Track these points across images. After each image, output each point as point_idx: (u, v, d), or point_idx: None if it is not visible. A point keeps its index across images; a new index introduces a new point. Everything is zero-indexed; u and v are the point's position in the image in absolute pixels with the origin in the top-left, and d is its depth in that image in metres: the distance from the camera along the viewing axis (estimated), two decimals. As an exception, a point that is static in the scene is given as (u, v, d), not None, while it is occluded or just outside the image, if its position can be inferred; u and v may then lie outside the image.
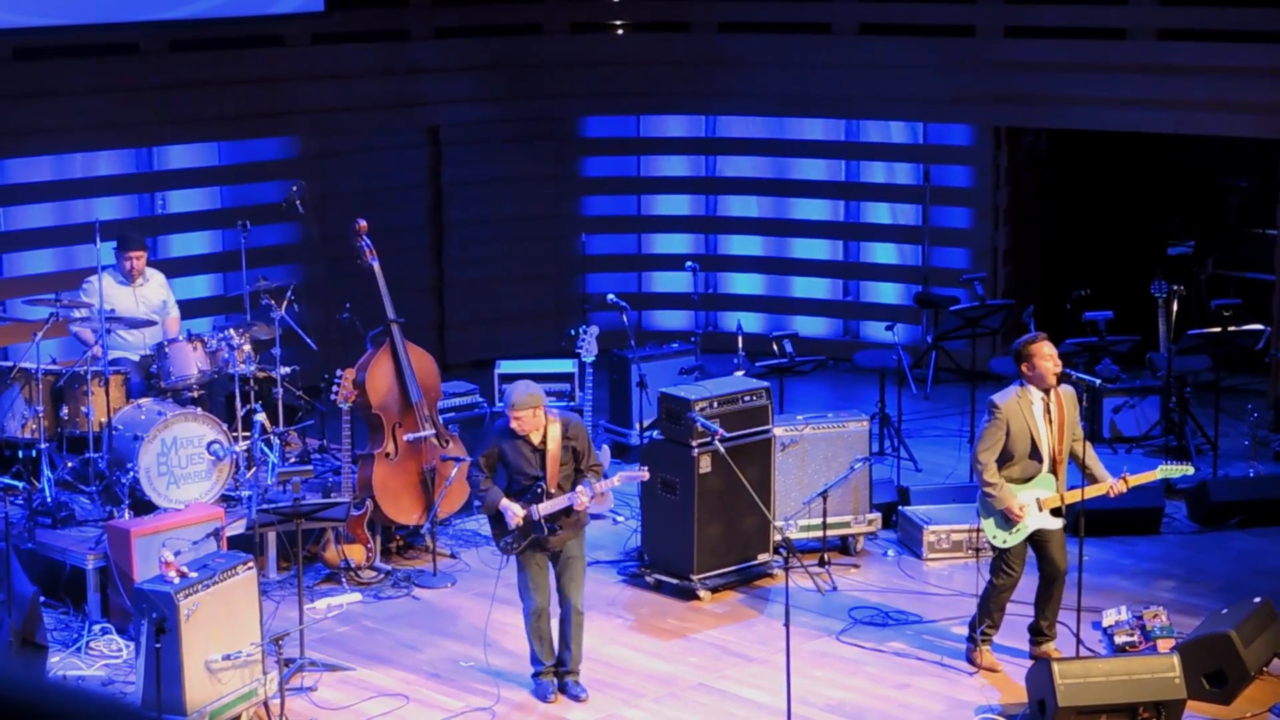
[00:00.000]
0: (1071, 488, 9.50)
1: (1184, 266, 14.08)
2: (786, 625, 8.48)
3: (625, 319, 13.02)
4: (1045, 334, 9.60)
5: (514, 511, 9.08)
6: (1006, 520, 9.41)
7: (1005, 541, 9.45)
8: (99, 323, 10.96)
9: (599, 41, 16.11)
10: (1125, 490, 9.57)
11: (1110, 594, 10.55)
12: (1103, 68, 14.54)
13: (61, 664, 9.75)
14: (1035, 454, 9.41)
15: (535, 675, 9.42)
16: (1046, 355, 9.37)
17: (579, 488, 9.11)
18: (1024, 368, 9.42)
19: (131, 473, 10.56)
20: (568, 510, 9.14)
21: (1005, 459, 9.42)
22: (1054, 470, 9.44)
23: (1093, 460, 9.57)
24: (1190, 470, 10.13)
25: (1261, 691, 9.38)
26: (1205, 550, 11.58)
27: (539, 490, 9.09)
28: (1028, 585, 9.73)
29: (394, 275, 11.88)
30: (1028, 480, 9.43)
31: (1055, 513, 9.49)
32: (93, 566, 10.24)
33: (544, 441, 9.11)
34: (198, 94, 14.25)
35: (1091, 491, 9.47)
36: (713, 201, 16.51)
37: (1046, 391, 9.40)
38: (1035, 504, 9.42)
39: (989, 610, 9.66)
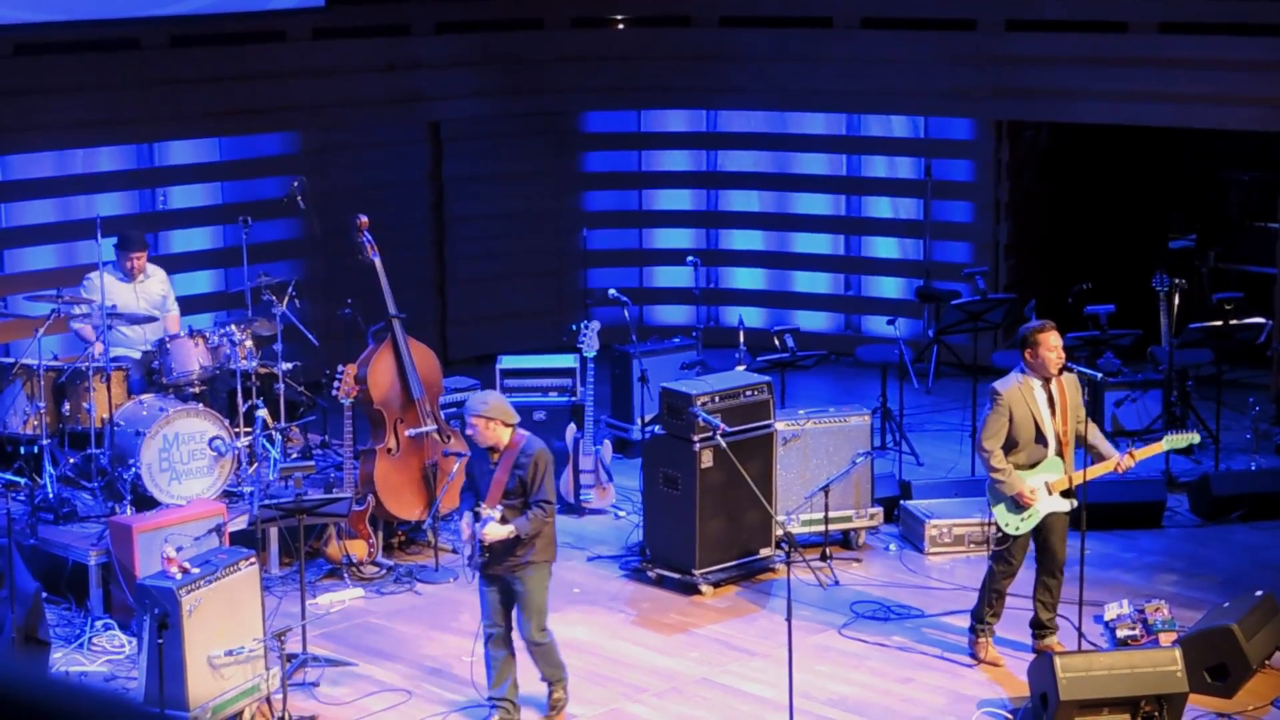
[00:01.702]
0: (1078, 468, 9.48)
1: (1185, 260, 14.07)
2: (789, 620, 8.48)
3: (626, 314, 13.02)
4: (1053, 323, 9.56)
5: (461, 527, 8.78)
6: (1017, 506, 9.40)
7: (1019, 528, 9.43)
8: (100, 319, 10.96)
9: (600, 36, 16.10)
10: (1133, 465, 9.51)
11: (1112, 587, 10.55)
12: (1104, 61, 14.54)
13: (64, 660, 9.76)
14: (1040, 439, 9.39)
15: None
16: (1052, 346, 9.35)
17: (464, 521, 8.70)
18: (1027, 354, 9.40)
19: (133, 468, 10.56)
20: (512, 539, 8.66)
21: (1010, 446, 9.40)
22: (1060, 453, 9.42)
23: (1098, 439, 9.56)
24: (1196, 438, 10.09)
25: (1264, 685, 9.37)
26: (1207, 544, 11.58)
27: (478, 510, 8.73)
28: (1028, 579, 9.73)
29: (395, 271, 11.88)
30: (1034, 466, 9.42)
31: (1065, 495, 9.48)
32: (95, 562, 10.24)
33: (497, 461, 8.72)
34: (199, 89, 14.25)
35: (1099, 469, 9.44)
36: (714, 196, 16.51)
37: (1047, 380, 9.40)
38: (1044, 488, 9.41)
39: (989, 598, 9.65)
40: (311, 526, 10.52)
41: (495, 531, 8.60)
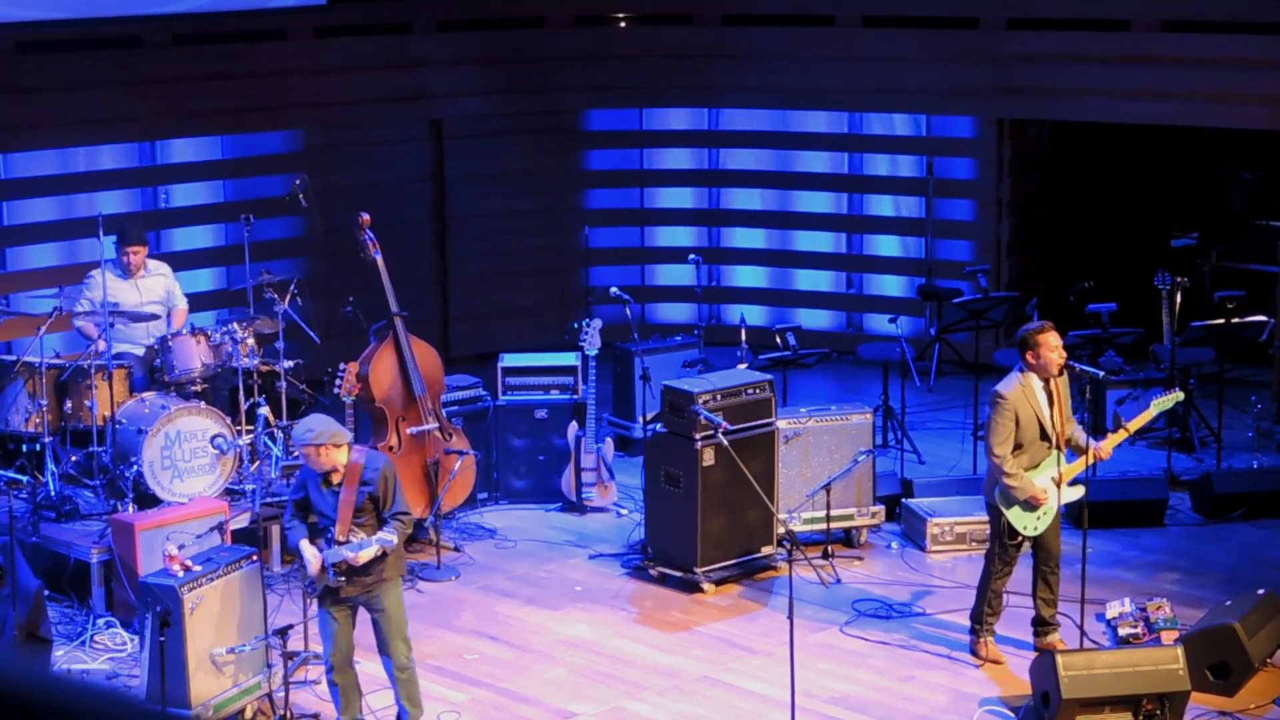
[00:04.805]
0: (1072, 460, 9.50)
1: (1187, 259, 14.06)
2: (790, 618, 8.48)
3: (628, 312, 13.02)
4: (1051, 323, 9.58)
5: (309, 556, 8.51)
6: (1030, 506, 9.40)
7: (1036, 528, 9.45)
8: (102, 316, 10.96)
9: (602, 34, 16.10)
10: (1110, 449, 9.52)
11: (1114, 586, 10.54)
12: (1106, 59, 14.53)
13: (66, 658, 9.76)
14: (1044, 437, 9.42)
15: None
16: (1053, 346, 9.36)
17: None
18: (1028, 356, 9.40)
19: (135, 466, 10.56)
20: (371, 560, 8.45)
21: (1015, 448, 9.40)
22: (1058, 446, 9.44)
23: (1078, 434, 9.58)
24: (1180, 396, 10.11)
25: (1265, 683, 9.37)
26: (1209, 542, 11.57)
27: (330, 535, 8.52)
28: (1026, 577, 9.73)
29: (397, 269, 11.88)
30: (1038, 465, 9.43)
31: (1071, 484, 9.52)
32: (97, 560, 10.24)
33: (340, 483, 8.51)
34: (200, 88, 14.25)
35: (1075, 467, 9.49)
36: (716, 194, 16.50)
37: (1047, 380, 9.41)
38: (1052, 484, 9.42)
39: (988, 598, 9.66)
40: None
41: (366, 552, 8.38)
